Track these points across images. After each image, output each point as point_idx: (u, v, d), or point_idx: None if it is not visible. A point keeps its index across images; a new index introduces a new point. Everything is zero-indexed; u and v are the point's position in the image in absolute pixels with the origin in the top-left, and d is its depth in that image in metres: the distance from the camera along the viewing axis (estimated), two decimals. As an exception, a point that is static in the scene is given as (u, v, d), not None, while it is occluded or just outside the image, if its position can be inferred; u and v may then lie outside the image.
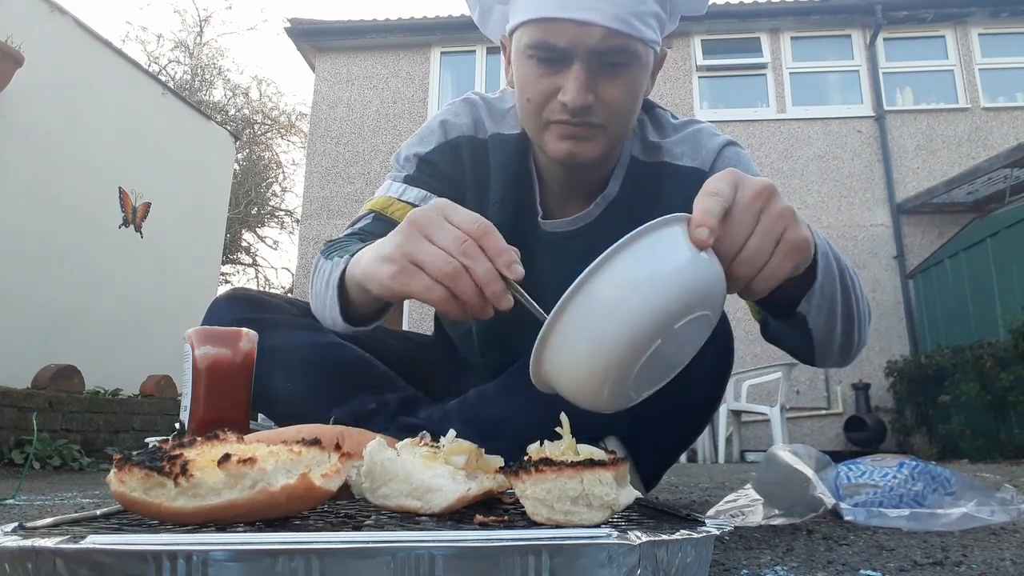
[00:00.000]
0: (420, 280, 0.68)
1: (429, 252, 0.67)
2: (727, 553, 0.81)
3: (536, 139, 1.02)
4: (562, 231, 1.11)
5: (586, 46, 0.90)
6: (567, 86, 0.91)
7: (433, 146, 1.10)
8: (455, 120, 1.11)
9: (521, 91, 0.98)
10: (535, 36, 0.92)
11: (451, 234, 0.67)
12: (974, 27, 8.01)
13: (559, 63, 0.92)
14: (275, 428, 0.91)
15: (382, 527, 0.54)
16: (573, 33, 0.89)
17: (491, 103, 1.14)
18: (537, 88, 0.95)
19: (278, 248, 19.53)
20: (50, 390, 3.65)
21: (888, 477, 1.12)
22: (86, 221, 4.90)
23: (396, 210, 1.04)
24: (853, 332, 0.88)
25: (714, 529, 0.49)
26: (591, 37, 0.89)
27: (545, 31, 0.91)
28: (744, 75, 8.25)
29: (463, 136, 1.10)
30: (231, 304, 1.09)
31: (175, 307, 5.52)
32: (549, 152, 0.99)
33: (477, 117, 1.12)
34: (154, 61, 13.35)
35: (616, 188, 1.10)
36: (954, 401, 5.51)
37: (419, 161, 1.09)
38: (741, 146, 1.14)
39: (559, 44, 0.90)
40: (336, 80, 8.59)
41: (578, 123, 0.94)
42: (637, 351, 0.60)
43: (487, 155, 1.10)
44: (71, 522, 0.53)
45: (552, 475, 0.51)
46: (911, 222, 7.49)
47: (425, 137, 1.11)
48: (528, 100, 0.97)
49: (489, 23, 1.11)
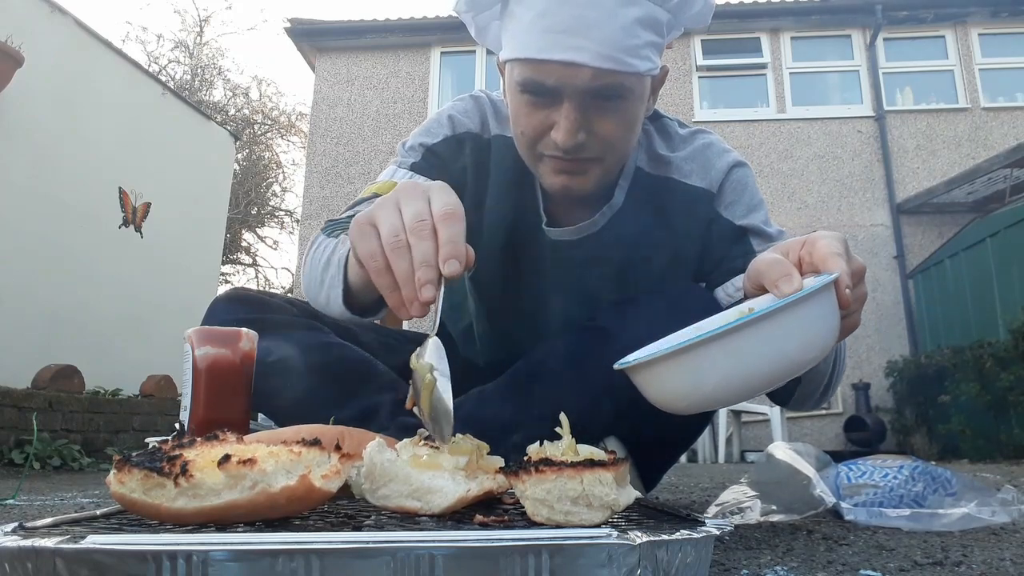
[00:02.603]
0: (370, 243, 0.65)
1: (388, 219, 0.64)
2: (727, 553, 0.81)
3: (532, 169, 1.02)
4: (566, 239, 1.10)
5: (574, 86, 0.89)
6: (559, 124, 0.91)
7: (440, 138, 1.10)
8: (463, 116, 1.12)
9: (515, 123, 0.98)
10: (524, 74, 0.91)
11: (415, 209, 0.64)
12: (974, 27, 8.01)
13: (550, 99, 0.92)
14: (275, 428, 0.91)
15: (382, 527, 0.54)
16: (560, 74, 0.88)
17: (497, 105, 1.14)
18: (530, 123, 0.95)
19: (278, 248, 19.50)
20: (50, 390, 3.65)
21: (888, 477, 1.12)
22: (86, 221, 4.90)
23: None
24: (829, 392, 0.95)
25: (714, 529, 0.49)
26: (579, 78, 0.88)
27: (534, 70, 0.90)
28: (744, 75, 8.25)
29: (469, 132, 1.11)
30: (231, 304, 1.09)
31: (175, 307, 5.52)
32: (544, 184, 1.00)
33: (483, 116, 1.12)
34: (154, 61, 13.36)
35: (621, 198, 1.09)
36: (954, 401, 5.50)
37: (425, 151, 1.10)
38: (748, 165, 1.14)
39: (548, 83, 0.90)
40: (336, 80, 8.59)
41: (571, 159, 0.94)
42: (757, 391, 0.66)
43: (488, 155, 1.10)
44: (71, 522, 0.53)
45: (552, 475, 0.51)
46: (911, 222, 7.49)
47: (432, 129, 1.12)
48: (522, 133, 0.97)
49: (488, 37, 1.11)
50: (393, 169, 1.10)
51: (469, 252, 0.63)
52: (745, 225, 1.08)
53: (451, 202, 0.64)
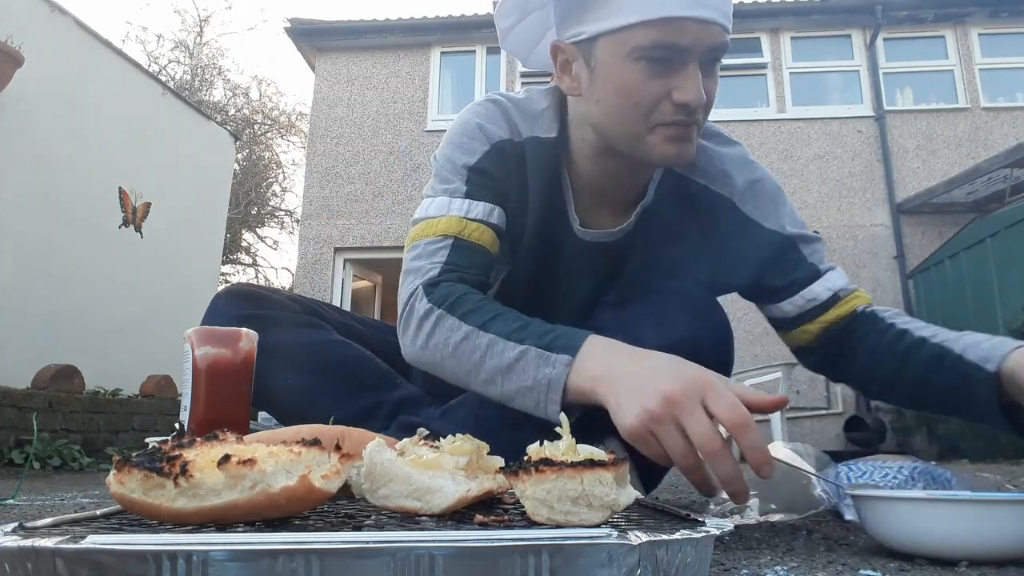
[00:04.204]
0: (654, 449, 0.72)
1: (674, 441, 0.70)
2: (727, 553, 0.81)
3: (633, 143, 0.97)
4: (601, 241, 1.09)
5: (703, 45, 0.90)
6: (685, 86, 0.91)
7: (480, 154, 1.04)
8: (491, 124, 1.06)
9: (624, 96, 0.94)
10: (652, 37, 0.90)
11: (703, 428, 0.69)
12: (974, 27, 8.01)
13: (672, 63, 0.91)
14: (276, 427, 0.91)
15: (382, 527, 0.54)
16: (696, 32, 0.89)
17: (520, 104, 1.09)
18: (648, 91, 0.92)
19: (278, 248, 19.53)
20: (50, 390, 3.65)
21: (888, 477, 1.12)
22: (86, 221, 4.90)
23: (472, 231, 0.99)
24: None
25: (714, 529, 0.49)
26: (710, 36, 0.90)
27: (664, 32, 0.89)
28: (744, 75, 8.25)
29: (504, 140, 1.05)
30: (232, 300, 1.09)
31: (175, 307, 5.52)
32: (652, 156, 0.96)
33: (510, 120, 1.07)
34: (154, 61, 13.36)
35: (651, 196, 1.09)
36: (954, 401, 5.49)
37: (470, 172, 1.03)
38: (769, 176, 1.15)
39: (681, 43, 0.89)
40: (336, 80, 8.59)
41: (689, 123, 0.94)
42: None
43: (524, 158, 1.06)
44: (71, 522, 0.53)
45: (552, 475, 0.51)
46: (911, 222, 7.49)
47: (466, 145, 1.05)
48: (635, 104, 0.93)
49: (513, 32, 1.10)
50: (447, 201, 1.02)
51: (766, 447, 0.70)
52: (794, 235, 1.10)
53: (734, 406, 0.70)
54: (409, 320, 0.95)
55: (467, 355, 0.88)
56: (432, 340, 0.92)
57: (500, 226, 1.03)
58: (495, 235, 1.02)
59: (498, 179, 1.04)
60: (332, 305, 1.28)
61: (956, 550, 0.73)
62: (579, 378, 0.80)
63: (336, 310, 1.25)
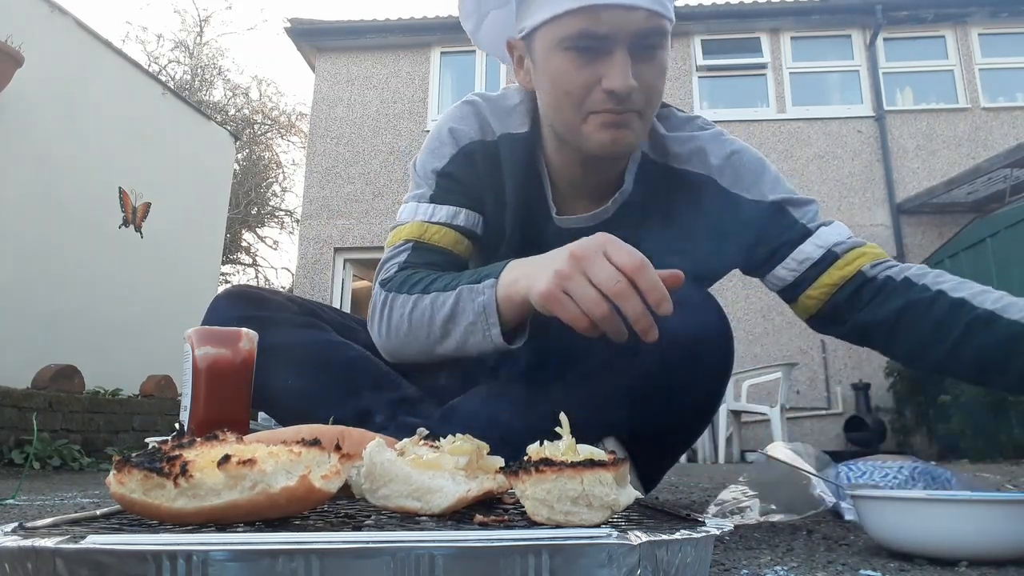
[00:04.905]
0: (569, 309, 0.76)
1: (583, 291, 0.74)
2: (727, 553, 0.81)
3: (571, 133, 1.00)
4: (579, 227, 1.10)
5: (628, 31, 0.90)
6: (611, 73, 0.91)
7: (448, 159, 1.08)
8: (462, 126, 1.10)
9: (556, 86, 0.96)
10: (575, 26, 0.91)
11: (607, 272, 0.73)
12: (974, 27, 8.01)
13: (599, 52, 0.92)
14: (275, 427, 0.91)
15: (382, 527, 0.54)
16: (617, 19, 0.90)
17: (494, 102, 1.12)
18: (577, 80, 0.94)
19: (278, 248, 19.53)
20: (50, 390, 3.65)
21: (888, 477, 1.12)
22: (86, 221, 4.90)
23: (433, 234, 1.04)
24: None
25: (714, 529, 0.49)
26: (634, 21, 0.90)
27: (587, 20, 0.90)
28: (744, 75, 8.25)
29: (474, 142, 1.09)
30: (232, 301, 1.09)
31: (175, 307, 5.51)
32: (589, 145, 0.98)
33: (482, 119, 1.10)
34: (154, 61, 13.36)
35: (630, 185, 1.09)
36: (954, 401, 5.50)
37: (438, 177, 1.08)
38: (749, 148, 1.12)
39: (601, 31, 0.90)
40: (336, 80, 8.59)
41: (621, 110, 0.94)
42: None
43: (498, 157, 1.09)
44: (71, 522, 0.53)
45: (552, 475, 0.51)
46: (911, 222, 7.49)
47: (437, 150, 1.09)
48: (567, 93, 0.95)
49: (480, 31, 1.10)
50: (414, 206, 1.07)
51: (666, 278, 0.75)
52: (779, 200, 1.07)
53: (631, 252, 0.74)
54: (372, 314, 1.01)
55: (420, 321, 0.93)
56: (392, 322, 0.97)
57: (467, 227, 1.07)
58: (459, 236, 1.06)
59: (466, 182, 1.08)
60: (331, 306, 1.29)
61: (956, 550, 0.73)
62: (504, 289, 0.85)
63: (335, 311, 1.25)
